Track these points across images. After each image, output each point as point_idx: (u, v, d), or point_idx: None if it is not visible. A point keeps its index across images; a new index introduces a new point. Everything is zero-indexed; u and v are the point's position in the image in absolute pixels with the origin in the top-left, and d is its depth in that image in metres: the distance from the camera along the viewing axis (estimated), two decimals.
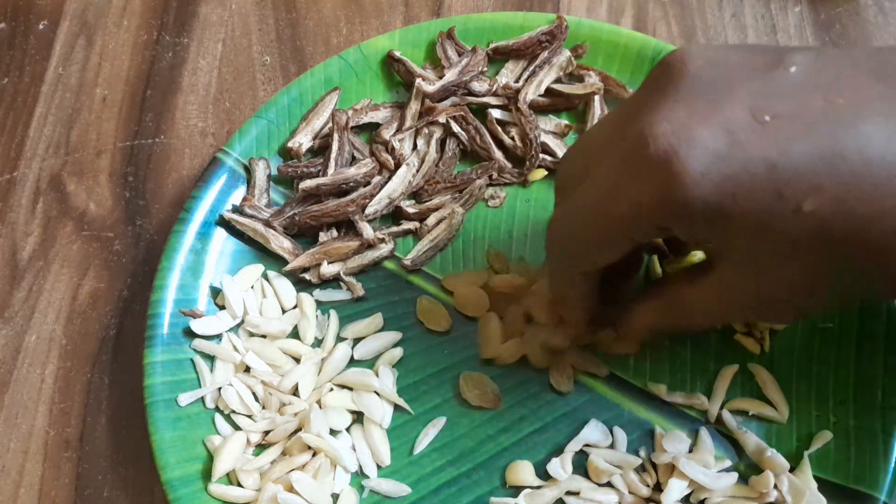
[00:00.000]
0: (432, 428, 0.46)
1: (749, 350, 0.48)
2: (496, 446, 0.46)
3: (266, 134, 0.54)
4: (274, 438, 0.45)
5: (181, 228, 0.50)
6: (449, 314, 0.49)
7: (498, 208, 0.53)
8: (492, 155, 0.54)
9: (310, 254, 0.50)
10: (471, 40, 0.57)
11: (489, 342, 0.48)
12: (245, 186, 0.52)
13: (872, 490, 0.43)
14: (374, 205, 0.51)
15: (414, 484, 0.45)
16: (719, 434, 0.46)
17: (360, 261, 0.51)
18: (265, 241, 0.50)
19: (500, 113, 0.55)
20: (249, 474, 0.44)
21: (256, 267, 0.50)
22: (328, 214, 0.50)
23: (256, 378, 0.47)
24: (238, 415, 0.46)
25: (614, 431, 0.46)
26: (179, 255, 0.49)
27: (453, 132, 0.54)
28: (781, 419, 0.46)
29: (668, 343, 0.48)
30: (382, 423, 0.46)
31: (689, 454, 0.44)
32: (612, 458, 0.44)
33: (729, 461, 0.45)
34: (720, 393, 0.46)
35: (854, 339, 0.47)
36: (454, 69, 0.55)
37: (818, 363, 0.47)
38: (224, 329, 0.48)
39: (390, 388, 0.47)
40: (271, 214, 0.51)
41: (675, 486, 0.42)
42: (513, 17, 0.57)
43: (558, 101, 0.56)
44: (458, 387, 0.48)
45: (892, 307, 0.47)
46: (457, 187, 0.53)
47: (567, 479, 0.44)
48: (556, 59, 0.56)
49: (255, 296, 0.50)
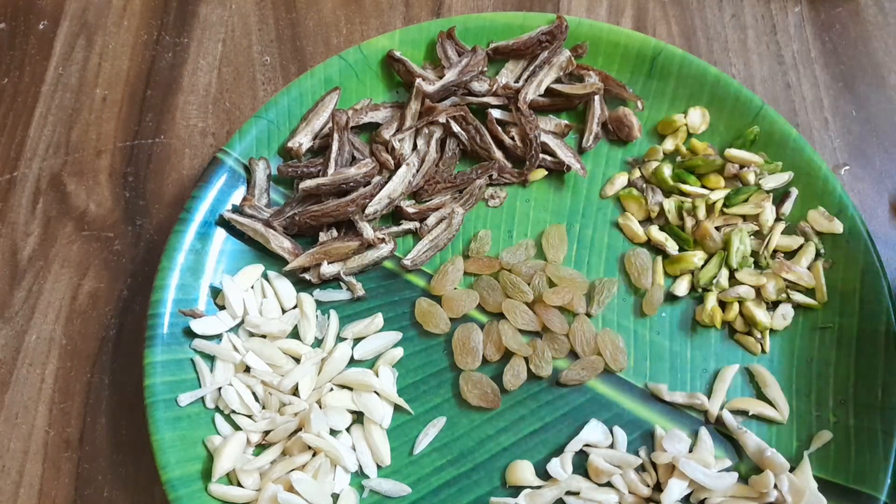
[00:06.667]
0: (432, 428, 0.46)
1: (749, 350, 0.48)
2: (496, 446, 0.46)
3: (266, 134, 0.54)
4: (274, 438, 0.45)
5: (181, 228, 0.50)
6: (448, 316, 0.49)
7: (498, 208, 0.53)
8: (492, 155, 0.53)
9: (310, 254, 0.50)
10: (471, 40, 0.57)
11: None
12: (245, 186, 0.52)
13: (873, 490, 0.43)
14: (374, 205, 0.51)
15: (414, 484, 0.45)
16: (719, 434, 0.46)
17: (361, 261, 0.51)
18: (265, 241, 0.50)
19: (500, 113, 0.55)
20: (249, 474, 0.44)
21: (256, 267, 0.50)
22: (328, 214, 0.50)
23: (256, 378, 0.47)
24: (238, 415, 0.46)
25: (614, 431, 0.46)
26: (180, 254, 0.49)
27: (453, 132, 0.54)
28: (782, 419, 0.46)
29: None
30: (382, 423, 0.46)
31: (689, 454, 0.44)
32: (612, 458, 0.44)
33: (729, 461, 0.45)
34: (720, 393, 0.46)
35: (854, 338, 0.47)
36: (454, 69, 0.54)
37: (818, 363, 0.47)
38: (224, 329, 0.48)
39: (390, 388, 0.47)
40: (271, 214, 0.51)
41: (675, 485, 0.42)
42: (513, 18, 0.57)
43: (558, 100, 0.56)
44: (457, 387, 0.48)
45: (892, 307, 0.47)
46: (457, 187, 0.53)
47: (567, 478, 0.44)
48: (556, 59, 0.55)
49: (255, 296, 0.50)
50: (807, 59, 0.60)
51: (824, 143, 0.57)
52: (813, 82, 0.59)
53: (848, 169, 0.56)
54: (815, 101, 0.59)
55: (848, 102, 0.59)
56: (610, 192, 0.53)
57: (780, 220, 0.51)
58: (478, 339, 0.48)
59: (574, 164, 0.53)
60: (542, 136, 0.54)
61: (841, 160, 0.57)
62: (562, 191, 0.54)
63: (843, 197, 0.50)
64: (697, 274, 0.49)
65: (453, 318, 0.49)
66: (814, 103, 0.59)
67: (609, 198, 0.53)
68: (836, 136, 0.57)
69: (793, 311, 0.48)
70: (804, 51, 0.61)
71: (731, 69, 0.60)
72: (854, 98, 0.59)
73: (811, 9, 0.62)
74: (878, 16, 0.62)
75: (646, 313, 0.49)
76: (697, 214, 0.50)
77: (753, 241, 0.50)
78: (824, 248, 0.49)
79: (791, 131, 0.52)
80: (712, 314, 0.48)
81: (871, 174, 0.56)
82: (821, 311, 0.48)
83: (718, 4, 0.63)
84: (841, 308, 0.48)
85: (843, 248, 0.49)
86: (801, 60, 0.60)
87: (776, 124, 0.52)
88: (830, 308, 0.48)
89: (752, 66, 0.60)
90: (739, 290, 0.48)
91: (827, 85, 0.59)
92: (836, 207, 0.50)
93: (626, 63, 0.56)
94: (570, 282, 0.49)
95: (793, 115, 0.58)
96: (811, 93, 0.59)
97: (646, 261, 0.50)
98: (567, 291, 0.49)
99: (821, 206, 0.50)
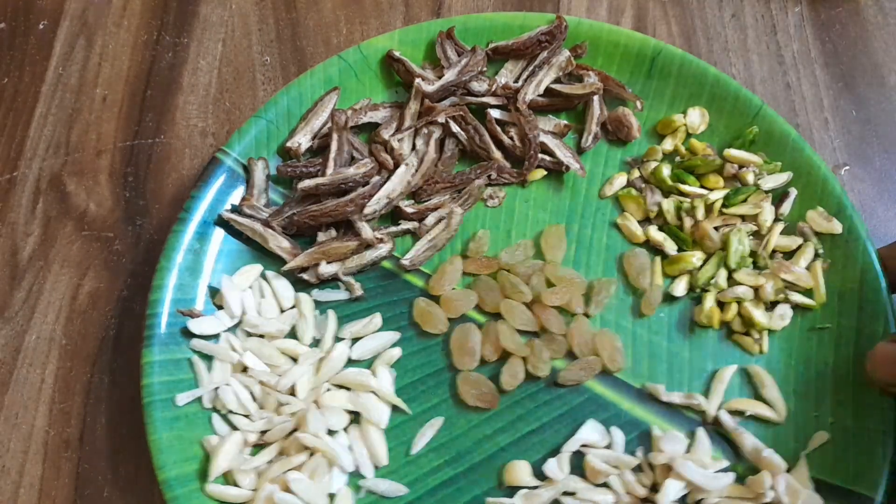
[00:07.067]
0: (430, 428, 0.46)
1: (747, 350, 0.48)
2: (493, 446, 0.46)
3: (265, 134, 0.54)
4: (271, 438, 0.45)
5: (180, 228, 0.50)
6: (446, 316, 0.49)
7: (497, 208, 0.53)
8: (491, 155, 0.53)
9: (308, 254, 0.50)
10: (470, 40, 0.57)
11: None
12: (244, 186, 0.52)
13: (869, 491, 0.43)
14: (373, 205, 0.51)
15: (411, 484, 0.45)
16: (717, 434, 0.46)
17: (359, 261, 0.51)
18: (264, 241, 0.50)
19: (500, 113, 0.55)
20: (246, 474, 0.44)
21: (255, 267, 0.51)
22: (327, 214, 0.50)
23: (254, 378, 0.47)
24: (235, 415, 0.46)
25: (612, 432, 0.46)
26: (178, 254, 0.49)
27: (452, 132, 0.54)
28: (779, 420, 0.46)
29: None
30: (380, 423, 0.46)
31: (686, 454, 0.43)
32: (609, 459, 0.44)
33: (727, 462, 0.44)
34: (718, 393, 0.46)
35: (853, 339, 0.47)
36: (453, 69, 0.55)
37: (817, 364, 0.47)
38: (222, 329, 0.48)
39: (388, 389, 0.47)
40: (270, 214, 0.51)
41: (672, 486, 0.42)
42: (512, 18, 0.57)
43: (558, 101, 0.55)
44: (455, 387, 0.48)
45: (891, 308, 0.46)
46: (455, 187, 0.53)
47: (564, 479, 0.44)
48: (556, 59, 0.55)
49: (254, 295, 0.50)
50: (807, 59, 0.60)
51: (824, 143, 0.57)
52: (813, 82, 0.59)
53: (848, 169, 0.56)
54: (815, 101, 0.59)
55: (848, 102, 0.58)
56: (609, 192, 0.53)
57: (780, 220, 0.50)
58: (476, 340, 0.48)
59: (573, 164, 0.53)
60: (541, 136, 0.54)
61: (841, 160, 0.57)
62: (561, 191, 0.54)
63: (842, 197, 0.49)
64: (696, 274, 0.49)
65: (452, 318, 0.49)
66: (814, 103, 0.58)
67: (608, 198, 0.53)
68: (836, 136, 0.57)
69: (791, 312, 0.48)
70: (804, 51, 0.60)
71: (731, 69, 0.60)
72: (854, 98, 0.59)
73: (811, 9, 0.62)
74: (878, 16, 0.62)
75: (644, 313, 0.49)
76: (696, 214, 0.50)
77: (752, 242, 0.50)
78: (823, 249, 0.49)
79: (790, 131, 0.52)
80: (710, 314, 0.48)
81: (871, 174, 0.56)
82: (819, 311, 0.48)
83: (718, 4, 0.63)
84: (839, 308, 0.48)
85: (841, 249, 0.49)
86: (801, 60, 0.60)
87: (776, 124, 0.52)
88: (829, 308, 0.48)
89: (752, 66, 0.60)
90: (737, 290, 0.48)
91: (827, 85, 0.59)
92: (835, 208, 0.49)
93: (626, 63, 0.56)
94: (569, 282, 0.49)
95: (793, 115, 0.58)
96: (811, 93, 0.59)
97: (644, 261, 0.50)
98: (565, 292, 0.49)
99: (819, 207, 0.50)
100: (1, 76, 0.61)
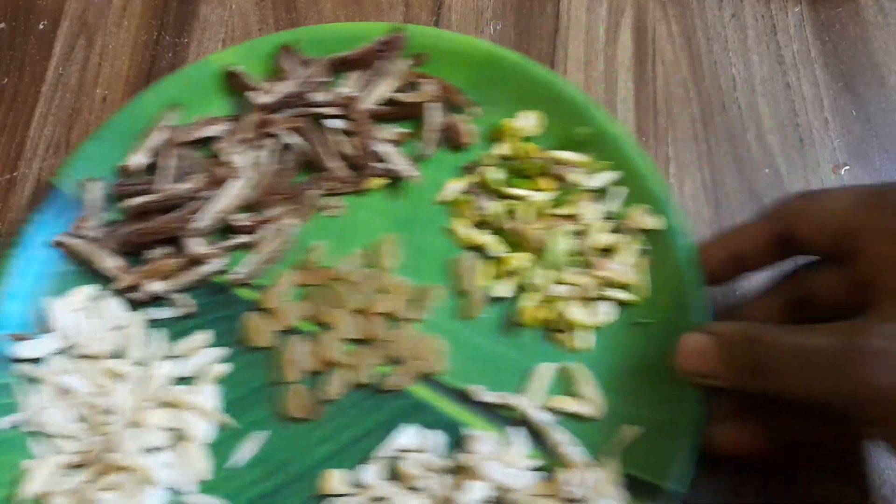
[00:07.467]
0: (251, 442, 0.46)
1: (568, 348, 0.48)
2: (313, 457, 0.46)
3: (103, 155, 0.53)
4: (87, 459, 0.45)
5: (11, 253, 0.50)
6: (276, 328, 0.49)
7: (335, 218, 0.54)
8: (324, 165, 0.54)
9: (135, 272, 0.50)
10: (316, 52, 0.57)
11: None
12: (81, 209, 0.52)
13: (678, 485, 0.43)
14: (198, 220, 0.51)
15: (230, 497, 0.45)
16: (534, 433, 0.46)
17: (189, 277, 0.51)
18: (92, 262, 0.50)
19: (341, 122, 0.55)
20: (62, 496, 0.44)
21: (85, 288, 0.50)
22: (155, 232, 0.50)
23: (77, 399, 0.47)
24: (54, 438, 0.46)
25: (430, 435, 0.46)
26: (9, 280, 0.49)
27: (289, 143, 0.54)
28: (596, 416, 0.46)
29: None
30: (203, 438, 0.46)
31: (495, 454, 0.44)
32: (422, 462, 0.44)
33: (543, 460, 0.45)
34: (536, 391, 0.47)
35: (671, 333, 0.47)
36: (291, 80, 0.55)
37: (637, 359, 0.48)
38: (48, 351, 0.48)
39: (213, 405, 0.47)
40: (104, 234, 0.51)
41: (472, 487, 0.42)
42: (357, 29, 0.58)
43: (398, 109, 0.56)
44: (283, 399, 0.48)
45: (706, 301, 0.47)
46: (292, 198, 0.53)
47: (377, 485, 0.44)
48: (394, 68, 0.56)
49: (84, 316, 0.49)
50: (807, 59, 0.61)
51: (824, 143, 0.57)
52: (813, 82, 0.60)
53: (848, 169, 0.57)
54: (815, 101, 0.59)
55: (848, 102, 0.59)
56: (444, 198, 0.53)
57: (607, 219, 0.51)
58: (302, 351, 0.48)
59: (405, 172, 0.53)
60: (377, 144, 0.54)
61: (841, 160, 0.57)
62: (399, 199, 0.54)
63: (665, 195, 0.50)
64: (520, 275, 0.50)
65: (283, 331, 0.50)
66: (814, 103, 0.59)
67: (443, 204, 0.53)
68: (836, 136, 0.58)
69: (613, 309, 0.49)
70: (804, 51, 0.61)
71: (731, 69, 0.60)
72: (854, 98, 0.59)
73: (811, 9, 0.63)
74: (878, 16, 0.62)
75: (469, 316, 0.50)
76: (520, 216, 0.51)
77: (577, 241, 0.50)
78: (647, 246, 0.50)
79: (620, 131, 0.52)
80: (528, 313, 0.48)
81: (871, 174, 0.56)
82: (642, 307, 0.49)
83: (718, 4, 0.63)
84: (659, 303, 0.48)
85: (662, 245, 0.49)
86: (801, 60, 0.61)
87: (607, 125, 0.53)
88: (651, 303, 0.49)
89: (752, 66, 0.60)
90: (556, 289, 0.48)
91: (827, 85, 0.60)
92: (659, 205, 0.50)
93: (470, 69, 0.56)
94: (398, 288, 0.50)
95: (793, 115, 0.58)
96: (811, 93, 0.59)
97: (471, 264, 0.50)
98: (392, 298, 0.49)
99: (643, 204, 0.50)
100: (1, 76, 0.61)
